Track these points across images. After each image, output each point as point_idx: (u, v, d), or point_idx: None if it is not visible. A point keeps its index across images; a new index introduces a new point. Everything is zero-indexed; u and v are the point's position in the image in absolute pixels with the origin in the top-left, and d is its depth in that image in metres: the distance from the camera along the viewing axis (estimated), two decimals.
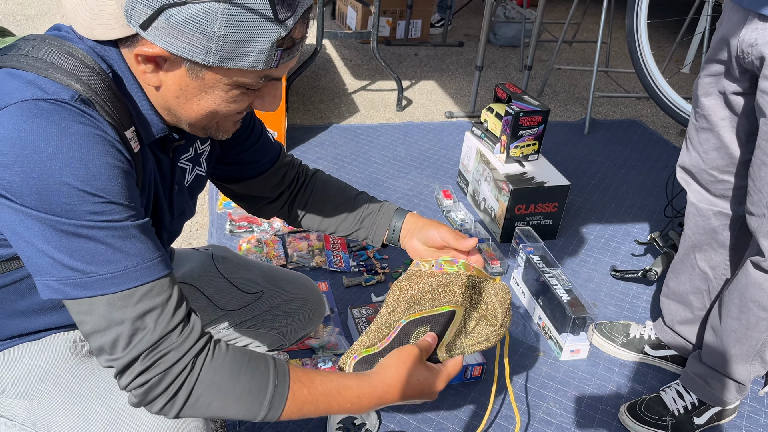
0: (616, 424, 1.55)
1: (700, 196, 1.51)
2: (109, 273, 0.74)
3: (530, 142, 2.25)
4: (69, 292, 0.74)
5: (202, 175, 1.05)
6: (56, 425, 0.85)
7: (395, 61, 3.98)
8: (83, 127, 0.72)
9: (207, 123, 0.85)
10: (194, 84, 0.78)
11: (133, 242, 0.75)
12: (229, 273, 1.25)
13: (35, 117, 0.70)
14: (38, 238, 0.72)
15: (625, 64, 4.20)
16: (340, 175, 2.56)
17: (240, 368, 0.81)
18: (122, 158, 0.75)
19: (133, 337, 0.76)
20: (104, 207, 0.73)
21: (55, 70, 0.74)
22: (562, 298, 1.72)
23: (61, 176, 0.70)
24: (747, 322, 1.38)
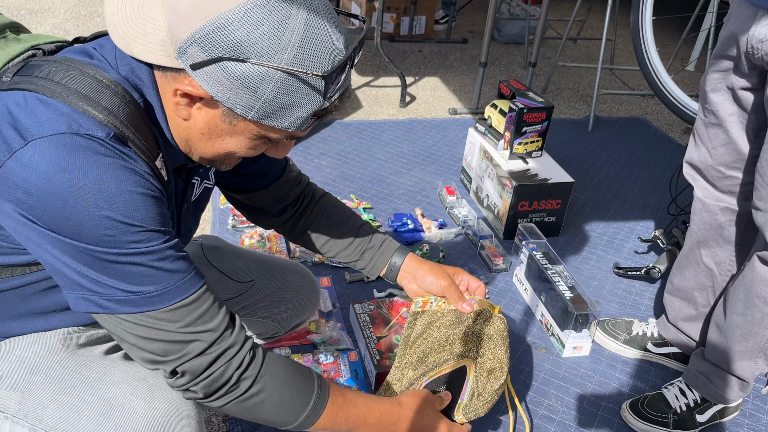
0: (618, 421, 1.55)
1: (707, 192, 1.50)
2: (154, 291, 0.78)
3: (534, 139, 2.24)
4: (115, 309, 0.78)
5: (210, 187, 1.07)
6: (48, 416, 0.85)
7: (399, 57, 3.97)
8: (118, 161, 0.74)
9: (219, 160, 0.88)
10: (224, 127, 0.80)
11: (172, 262, 0.79)
12: (220, 263, 1.25)
13: (72, 153, 0.72)
14: (77, 261, 0.75)
15: (629, 61, 4.19)
16: (343, 171, 2.56)
17: (293, 368, 0.91)
18: (154, 188, 0.78)
19: (189, 344, 0.81)
20: (144, 236, 0.76)
21: (87, 103, 0.75)
22: (564, 295, 1.72)
23: (100, 210, 0.73)
24: (752, 318, 1.37)
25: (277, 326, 1.32)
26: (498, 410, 1.51)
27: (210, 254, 1.26)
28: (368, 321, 1.67)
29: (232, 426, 1.42)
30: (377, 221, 2.23)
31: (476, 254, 2.12)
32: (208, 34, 0.72)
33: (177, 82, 0.77)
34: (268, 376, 0.87)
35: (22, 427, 0.86)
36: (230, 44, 0.72)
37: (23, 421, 0.86)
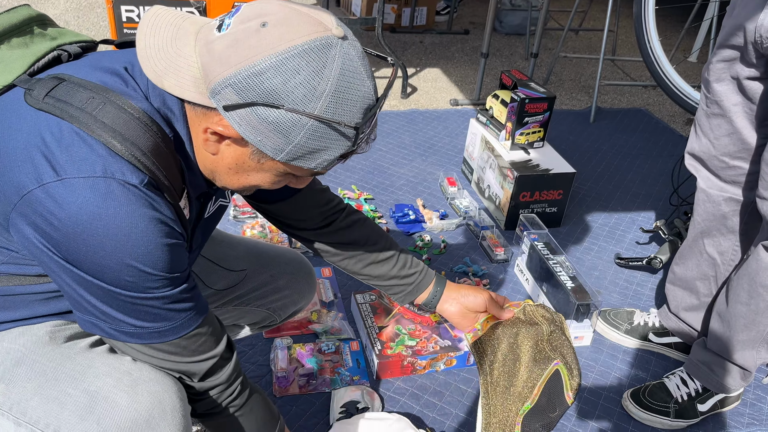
0: (619, 410, 1.55)
1: (710, 182, 1.49)
2: (161, 327, 0.83)
3: (536, 129, 2.23)
4: (121, 338, 0.83)
5: (225, 204, 1.07)
6: (31, 409, 0.84)
7: (400, 48, 3.96)
8: (148, 211, 0.76)
9: (242, 190, 0.91)
10: (251, 164, 0.82)
11: (183, 303, 0.83)
12: (211, 252, 1.24)
13: (105, 200, 0.73)
14: (92, 295, 0.79)
15: (631, 52, 4.17)
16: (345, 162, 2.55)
17: (266, 409, 1.02)
18: (177, 235, 0.81)
19: (189, 374, 0.89)
20: (162, 282, 0.79)
21: (123, 143, 0.75)
22: (566, 286, 1.72)
23: (126, 259, 0.75)
24: (756, 308, 1.37)
25: (272, 314, 1.32)
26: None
27: None
28: (369, 311, 1.68)
29: None
30: (378, 212, 2.22)
31: (477, 245, 2.12)
32: (243, 80, 0.73)
33: (207, 120, 0.79)
34: (248, 410, 0.97)
35: (6, 420, 0.86)
36: (265, 91, 0.73)
37: (8, 414, 0.86)
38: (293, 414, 1.43)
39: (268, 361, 1.56)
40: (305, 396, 1.48)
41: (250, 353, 1.58)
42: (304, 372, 1.53)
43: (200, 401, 0.94)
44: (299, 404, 1.46)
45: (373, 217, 2.18)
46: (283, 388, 1.48)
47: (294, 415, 1.43)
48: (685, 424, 1.51)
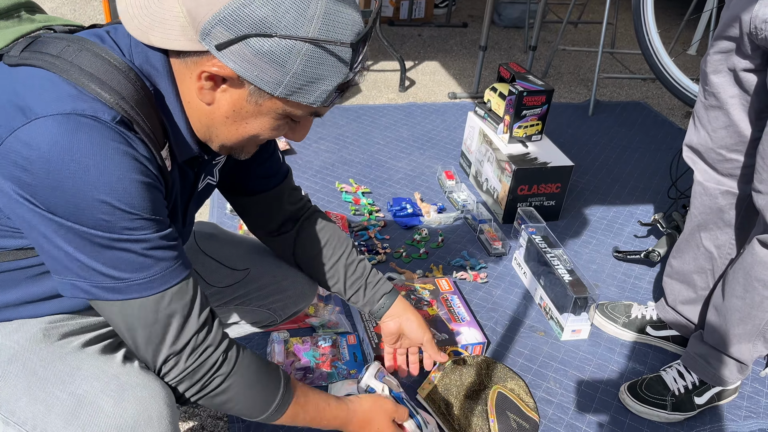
0: (616, 403, 1.55)
1: (707, 175, 1.49)
2: (141, 279, 0.79)
3: (534, 122, 2.23)
4: (102, 295, 0.79)
5: (213, 184, 1.07)
6: (20, 410, 0.83)
7: (398, 41, 3.94)
8: (120, 146, 0.74)
9: (240, 146, 0.88)
10: (249, 108, 0.80)
11: (162, 250, 0.80)
12: (214, 251, 1.24)
13: (75, 134, 0.71)
14: (69, 244, 0.76)
15: (630, 45, 4.16)
16: (342, 155, 2.54)
17: (262, 369, 0.94)
18: (155, 180, 0.79)
19: (166, 336, 0.83)
20: (139, 223, 0.77)
21: (98, 85, 0.75)
22: (563, 279, 1.71)
23: (100, 195, 0.73)
24: (751, 301, 1.37)
25: (273, 314, 1.31)
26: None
27: (203, 242, 1.24)
28: None
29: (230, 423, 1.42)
30: (376, 206, 2.22)
31: (475, 238, 2.11)
32: (232, 14, 0.72)
33: (200, 66, 0.77)
34: (237, 376, 0.90)
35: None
36: (256, 21, 0.72)
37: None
38: None
39: (264, 355, 1.56)
40: None
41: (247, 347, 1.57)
42: (300, 366, 1.53)
43: (187, 375, 0.87)
44: None
45: (371, 211, 2.17)
46: None
47: None
48: (682, 417, 1.51)
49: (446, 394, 1.43)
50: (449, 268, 1.95)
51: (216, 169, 1.05)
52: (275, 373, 0.97)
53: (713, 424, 1.52)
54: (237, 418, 1.39)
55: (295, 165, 2.43)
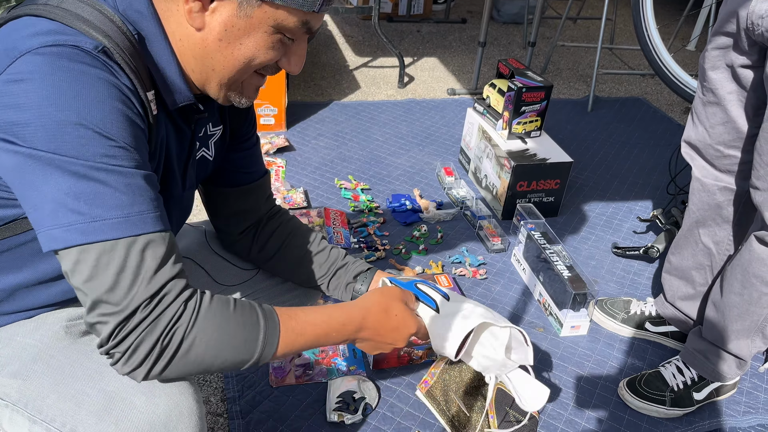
0: (615, 399, 1.56)
1: (705, 171, 1.49)
2: (114, 217, 0.74)
3: (533, 119, 2.23)
4: (72, 239, 0.73)
5: (208, 158, 1.06)
6: (47, 407, 0.83)
7: (397, 37, 3.93)
8: (102, 73, 0.74)
9: (238, 78, 0.86)
10: (241, 24, 0.80)
11: (140, 191, 0.76)
12: (224, 250, 1.24)
13: (57, 60, 0.71)
14: (45, 181, 0.72)
15: (629, 41, 4.15)
16: (341, 152, 2.54)
17: (230, 309, 0.83)
18: (136, 111, 0.77)
19: (132, 287, 0.75)
20: (116, 151, 0.74)
21: (82, 22, 0.75)
22: (563, 275, 1.72)
23: (78, 117, 0.71)
24: (749, 298, 1.37)
25: None
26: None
27: (214, 241, 1.25)
28: None
29: (230, 405, 1.42)
30: (375, 202, 2.22)
31: (474, 234, 2.11)
32: None
33: None
34: (203, 321, 0.79)
35: (21, 417, 0.85)
36: None
37: (23, 411, 0.84)
38: (289, 404, 1.44)
39: None
40: (301, 386, 1.48)
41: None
42: (300, 362, 1.53)
43: (144, 335, 0.76)
44: (295, 395, 1.46)
45: (370, 208, 2.17)
46: (279, 378, 1.48)
47: (290, 406, 1.43)
48: (681, 413, 1.51)
49: (445, 390, 1.43)
50: (448, 265, 1.95)
51: (212, 141, 1.04)
52: (248, 306, 0.85)
53: (712, 420, 1.53)
54: (237, 413, 1.40)
55: (294, 161, 2.43)
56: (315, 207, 2.16)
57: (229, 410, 1.41)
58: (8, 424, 0.87)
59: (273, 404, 1.43)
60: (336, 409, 1.40)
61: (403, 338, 1.03)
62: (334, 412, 1.40)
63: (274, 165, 2.34)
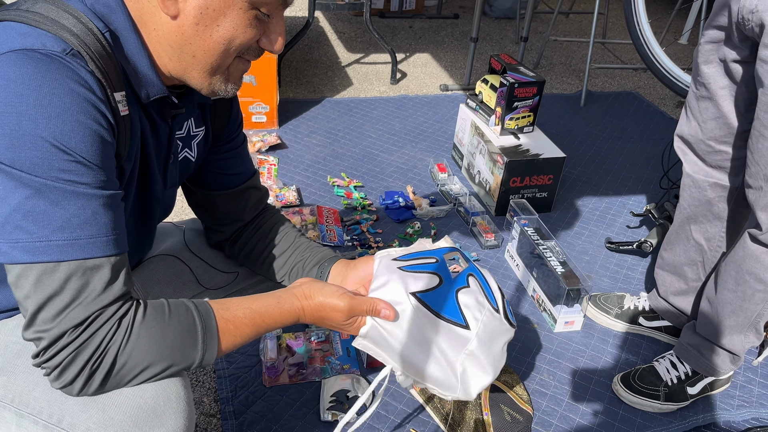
0: (609, 394, 1.55)
1: (696, 167, 1.49)
2: (61, 239, 0.72)
3: (525, 114, 2.22)
4: (16, 256, 0.72)
5: (191, 159, 1.04)
6: (34, 400, 0.83)
7: (389, 33, 3.92)
8: (69, 83, 0.71)
9: (221, 63, 0.84)
10: (215, 4, 0.78)
11: (94, 213, 0.74)
12: (204, 251, 1.23)
13: (23, 66, 0.70)
14: (0, 193, 0.71)
15: (622, 35, 4.15)
16: (334, 149, 2.53)
17: (165, 318, 0.80)
18: (104, 123, 0.75)
19: (65, 310, 0.73)
20: (73, 166, 0.72)
21: (52, 24, 0.74)
22: (556, 271, 1.71)
23: (36, 128, 0.69)
24: (743, 294, 1.37)
25: None
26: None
27: (193, 244, 1.23)
28: None
29: (223, 406, 1.42)
30: (368, 199, 2.21)
31: (468, 231, 2.11)
32: None
33: None
34: (135, 338, 0.77)
35: (8, 412, 0.85)
36: None
37: (9, 406, 0.85)
38: (283, 404, 1.43)
39: (257, 351, 1.55)
40: (295, 386, 1.48)
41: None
42: (293, 362, 1.52)
43: (71, 357, 0.74)
44: (289, 394, 1.45)
45: (363, 205, 2.16)
46: (272, 378, 1.48)
47: (284, 405, 1.43)
48: (675, 407, 1.52)
49: None
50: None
51: (194, 142, 1.03)
52: (183, 310, 0.82)
53: (706, 414, 1.53)
54: (230, 414, 1.39)
55: (287, 159, 2.42)
56: (308, 205, 2.15)
57: (222, 411, 1.40)
58: None
59: (266, 404, 1.43)
60: (330, 408, 1.39)
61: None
62: (328, 411, 1.39)
63: (266, 163, 2.33)
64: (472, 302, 1.00)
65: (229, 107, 1.09)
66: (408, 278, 0.98)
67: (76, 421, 0.80)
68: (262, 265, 1.19)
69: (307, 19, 2.99)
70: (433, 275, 0.99)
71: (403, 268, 0.98)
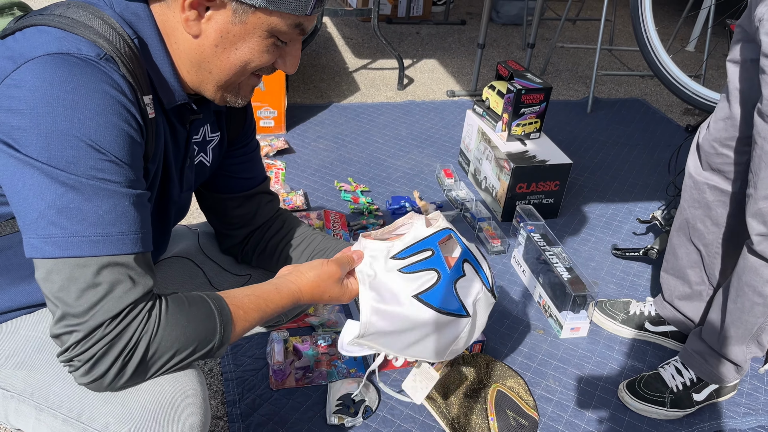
0: (615, 401, 1.56)
1: (698, 167, 1.49)
2: (93, 235, 0.74)
3: (532, 120, 2.23)
4: (48, 251, 0.74)
5: (206, 164, 1.07)
6: (53, 395, 0.85)
7: (396, 39, 3.94)
8: (103, 85, 0.74)
9: (234, 80, 0.87)
10: (236, 30, 0.82)
11: (125, 210, 0.77)
12: (217, 254, 1.24)
13: (59, 68, 0.72)
14: (33, 190, 0.73)
15: (629, 42, 4.16)
16: (341, 154, 2.54)
17: (186, 307, 0.82)
18: (134, 124, 0.78)
19: (99, 303, 0.75)
20: (106, 165, 0.75)
21: (85, 29, 0.77)
22: (562, 277, 1.72)
23: (72, 128, 0.72)
24: (742, 306, 1.37)
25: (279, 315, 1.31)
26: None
27: (207, 247, 1.25)
28: None
29: (230, 408, 1.42)
30: (375, 204, 2.22)
31: (474, 236, 2.12)
32: None
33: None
34: (164, 328, 0.79)
35: (28, 406, 0.86)
36: None
37: (29, 400, 0.86)
38: (290, 407, 1.44)
39: (264, 354, 1.56)
40: (302, 389, 1.48)
41: (246, 346, 1.58)
42: (300, 365, 1.53)
43: (104, 350, 0.76)
44: (296, 397, 1.46)
45: (370, 210, 2.17)
46: (279, 381, 1.49)
47: (290, 408, 1.43)
48: (681, 414, 1.51)
49: (446, 392, 1.43)
50: None
51: (210, 147, 1.05)
52: (199, 299, 0.85)
53: (712, 421, 1.53)
54: (237, 416, 1.40)
55: (294, 164, 2.43)
56: (315, 209, 2.16)
57: (229, 413, 1.41)
58: (14, 416, 0.88)
59: (273, 407, 1.43)
60: (336, 412, 1.40)
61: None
62: (334, 415, 1.40)
63: (273, 167, 2.34)
64: (470, 289, 1.04)
65: (244, 114, 1.12)
66: (409, 281, 0.99)
67: (96, 415, 0.82)
68: (277, 261, 1.20)
69: (315, 24, 3.01)
70: (431, 272, 1.00)
71: (402, 270, 0.99)
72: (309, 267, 0.98)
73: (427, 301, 0.99)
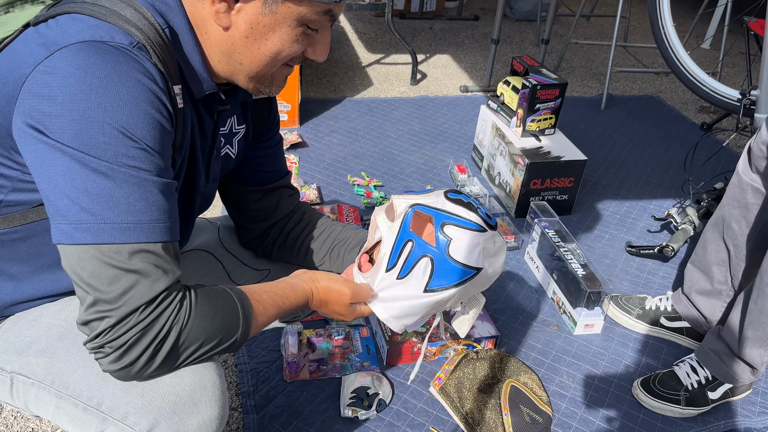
0: (629, 398, 1.55)
1: (747, 167, 1.47)
2: (124, 222, 0.75)
3: (547, 116, 2.22)
4: (79, 237, 0.73)
5: (231, 155, 1.07)
6: (74, 383, 0.85)
7: (410, 34, 3.93)
8: (136, 74, 0.74)
9: (266, 71, 0.88)
10: (266, 21, 0.82)
11: (155, 199, 0.77)
12: (237, 248, 1.25)
13: (93, 56, 0.73)
14: (64, 176, 0.73)
15: (644, 38, 4.12)
16: (354, 148, 2.54)
17: (213, 298, 0.83)
18: (165, 113, 0.78)
19: (131, 290, 0.75)
20: (138, 153, 0.75)
21: (118, 18, 0.77)
22: (577, 273, 1.71)
23: (105, 116, 0.72)
24: (762, 308, 1.36)
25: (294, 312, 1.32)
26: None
27: (227, 240, 1.26)
28: None
29: (245, 399, 1.43)
30: (388, 199, 2.22)
31: None
32: None
33: None
34: (195, 317, 0.80)
35: (48, 394, 0.87)
36: None
37: (49, 388, 0.87)
38: (304, 399, 1.44)
39: (278, 347, 1.56)
40: (315, 381, 1.49)
41: (260, 338, 1.59)
42: (314, 358, 1.53)
43: (134, 339, 0.76)
44: (309, 390, 1.47)
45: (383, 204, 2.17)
46: (293, 373, 1.49)
47: (304, 401, 1.44)
48: (696, 412, 1.51)
49: (459, 387, 1.43)
50: None
51: (235, 139, 1.06)
52: (222, 292, 0.86)
53: (727, 420, 1.52)
54: (252, 408, 1.41)
55: (308, 158, 2.43)
56: (328, 203, 2.17)
57: (243, 404, 1.42)
58: (34, 403, 0.89)
59: (287, 399, 1.44)
60: (350, 405, 1.40)
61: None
62: (348, 408, 1.40)
63: (287, 161, 2.35)
64: (469, 249, 0.98)
65: (269, 107, 1.12)
66: (412, 282, 0.98)
67: (116, 404, 0.82)
68: (298, 253, 1.21)
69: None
70: (423, 259, 0.97)
71: (399, 277, 0.98)
72: (325, 275, 0.99)
73: (439, 286, 0.97)
